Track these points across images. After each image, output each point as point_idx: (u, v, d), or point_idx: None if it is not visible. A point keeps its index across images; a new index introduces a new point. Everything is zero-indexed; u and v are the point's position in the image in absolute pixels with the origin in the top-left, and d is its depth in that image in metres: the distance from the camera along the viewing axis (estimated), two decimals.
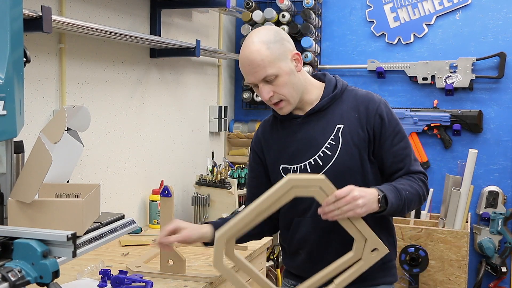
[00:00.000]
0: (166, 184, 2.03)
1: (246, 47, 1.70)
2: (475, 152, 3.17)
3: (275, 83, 1.69)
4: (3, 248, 1.29)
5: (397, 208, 1.63)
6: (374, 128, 1.74)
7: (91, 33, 2.31)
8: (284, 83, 1.69)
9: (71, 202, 1.63)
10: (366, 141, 1.74)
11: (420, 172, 1.76)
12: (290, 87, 1.71)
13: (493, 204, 3.45)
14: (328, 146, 1.74)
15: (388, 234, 1.83)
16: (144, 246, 2.44)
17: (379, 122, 1.74)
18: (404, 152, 1.75)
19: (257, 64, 1.67)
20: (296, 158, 1.78)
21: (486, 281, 3.53)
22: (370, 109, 1.75)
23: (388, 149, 1.74)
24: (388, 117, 1.75)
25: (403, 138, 1.77)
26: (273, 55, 1.67)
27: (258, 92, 1.74)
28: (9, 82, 1.38)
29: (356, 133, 1.73)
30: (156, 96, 3.04)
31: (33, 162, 1.55)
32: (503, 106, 3.47)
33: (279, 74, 1.68)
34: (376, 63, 3.66)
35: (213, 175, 3.17)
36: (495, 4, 3.46)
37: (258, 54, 1.67)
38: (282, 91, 1.70)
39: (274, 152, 1.83)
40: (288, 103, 1.73)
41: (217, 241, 1.44)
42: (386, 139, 1.74)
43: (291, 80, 1.71)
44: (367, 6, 3.72)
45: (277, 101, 1.73)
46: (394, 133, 1.75)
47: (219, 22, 3.72)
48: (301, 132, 1.78)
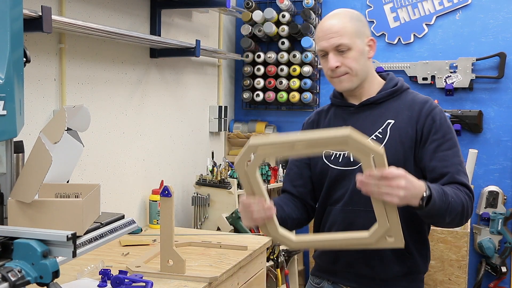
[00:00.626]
0: (166, 184, 2.03)
1: (330, 15, 1.77)
2: (475, 152, 3.17)
3: (345, 55, 1.71)
4: (3, 248, 1.29)
5: (439, 211, 1.54)
6: (424, 128, 1.70)
7: (91, 33, 2.31)
8: (354, 58, 1.71)
9: (71, 202, 1.63)
10: (413, 140, 1.69)
11: (466, 186, 1.65)
12: (357, 65, 1.72)
13: (493, 204, 3.45)
14: (374, 138, 1.71)
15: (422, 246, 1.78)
16: (144, 246, 2.44)
17: (430, 124, 1.70)
18: (452, 159, 1.66)
19: (336, 30, 1.70)
20: None
21: (486, 281, 3.52)
22: (425, 109, 1.72)
23: (433, 152, 1.67)
24: (441, 121, 1.71)
25: (454, 147, 1.69)
26: (353, 29, 1.71)
27: (323, 63, 1.75)
28: (9, 82, 1.38)
29: (405, 131, 1.70)
30: (156, 96, 3.04)
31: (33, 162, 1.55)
32: (503, 106, 3.47)
33: (352, 48, 1.70)
34: (376, 63, 3.66)
35: (213, 175, 3.17)
36: (495, 4, 3.46)
37: (340, 22, 1.72)
38: (350, 64, 1.71)
39: None
40: (351, 77, 1.73)
41: (249, 146, 1.43)
42: (433, 141, 1.68)
43: (361, 59, 1.73)
44: (367, 6, 3.72)
45: (341, 74, 1.72)
46: (444, 139, 1.68)
47: (219, 22, 3.72)
48: (351, 121, 1.76)
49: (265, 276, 2.64)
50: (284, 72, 3.73)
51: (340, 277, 1.81)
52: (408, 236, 1.64)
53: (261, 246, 2.48)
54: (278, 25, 3.70)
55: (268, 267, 3.20)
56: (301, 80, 3.72)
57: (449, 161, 1.65)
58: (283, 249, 3.37)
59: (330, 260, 1.81)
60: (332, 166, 1.76)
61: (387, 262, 1.71)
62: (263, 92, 3.79)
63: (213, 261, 2.21)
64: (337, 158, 1.76)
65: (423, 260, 1.77)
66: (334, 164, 1.76)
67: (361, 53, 1.72)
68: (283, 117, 3.94)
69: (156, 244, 2.41)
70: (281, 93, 3.75)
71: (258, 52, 3.76)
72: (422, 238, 1.77)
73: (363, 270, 1.74)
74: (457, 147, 1.70)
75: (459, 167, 1.66)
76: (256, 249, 2.42)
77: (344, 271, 1.78)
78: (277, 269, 3.28)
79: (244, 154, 1.46)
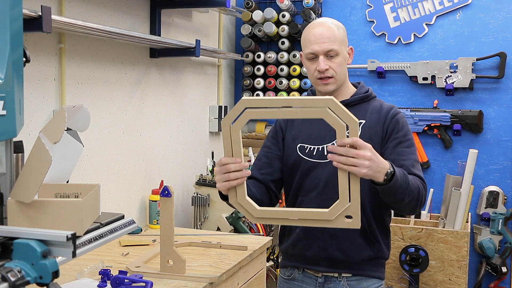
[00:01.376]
0: (166, 184, 2.02)
1: (320, 22, 1.95)
2: (475, 152, 3.17)
3: (332, 60, 1.90)
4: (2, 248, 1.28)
5: (399, 189, 1.70)
6: (389, 128, 1.90)
7: (91, 33, 2.31)
8: (339, 64, 1.91)
9: (71, 202, 1.62)
10: (380, 137, 1.90)
11: (420, 177, 1.84)
12: (341, 70, 1.92)
13: (493, 204, 3.44)
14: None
15: (385, 235, 1.99)
16: (144, 246, 2.44)
17: (394, 124, 1.91)
18: (409, 155, 1.87)
19: (328, 36, 1.89)
20: (315, 140, 1.94)
21: (486, 281, 3.52)
22: (390, 113, 1.93)
23: (394, 148, 1.87)
24: (403, 124, 1.92)
25: (411, 146, 1.90)
26: (341, 37, 1.92)
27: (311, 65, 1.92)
28: (9, 82, 1.37)
29: (374, 130, 1.90)
30: (156, 96, 3.04)
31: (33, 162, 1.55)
32: (504, 106, 3.47)
33: (339, 54, 1.91)
34: (376, 63, 3.66)
35: (213, 175, 3.17)
36: (495, 4, 3.46)
37: (332, 30, 1.91)
38: (336, 69, 1.90)
39: (295, 131, 1.99)
40: (335, 81, 1.92)
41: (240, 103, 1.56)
42: (395, 139, 1.89)
43: (344, 65, 1.94)
44: (367, 6, 3.72)
45: (327, 77, 1.90)
46: (404, 138, 1.90)
47: (219, 22, 3.72)
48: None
49: (265, 276, 2.64)
50: (284, 72, 3.73)
51: (312, 263, 1.96)
52: (375, 224, 1.91)
53: (261, 246, 2.48)
54: (278, 25, 3.70)
55: (268, 267, 3.20)
56: (301, 80, 3.72)
57: (406, 156, 1.86)
58: None
59: (303, 247, 1.95)
60: (306, 158, 1.94)
61: (357, 247, 1.90)
62: (263, 92, 3.79)
63: (213, 261, 2.21)
64: (311, 151, 1.93)
65: (387, 247, 1.98)
66: (308, 156, 1.94)
67: (344, 60, 1.94)
68: None
69: (156, 244, 2.41)
70: (281, 93, 3.74)
71: (258, 52, 3.76)
72: (386, 227, 1.98)
73: (335, 254, 1.91)
74: (414, 147, 1.92)
75: (414, 162, 1.87)
76: (256, 249, 2.41)
77: (316, 256, 1.94)
78: (277, 269, 3.28)
79: (234, 110, 1.58)
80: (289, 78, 3.74)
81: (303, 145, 1.95)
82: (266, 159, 2.02)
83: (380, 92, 3.69)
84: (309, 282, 1.98)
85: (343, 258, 1.91)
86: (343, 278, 1.94)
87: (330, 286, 1.95)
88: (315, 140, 1.94)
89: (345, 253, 1.91)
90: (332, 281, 1.95)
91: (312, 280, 1.98)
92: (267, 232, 3.26)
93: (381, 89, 3.70)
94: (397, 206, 1.83)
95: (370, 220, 1.91)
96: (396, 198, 1.74)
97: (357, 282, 1.94)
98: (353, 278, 1.94)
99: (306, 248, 1.95)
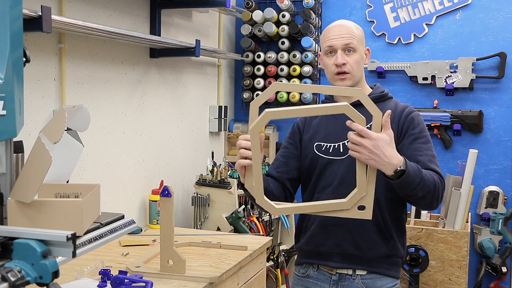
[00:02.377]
0: (166, 184, 2.02)
1: (339, 21, 2.01)
2: (475, 152, 3.17)
3: (350, 56, 1.95)
4: (2, 248, 1.28)
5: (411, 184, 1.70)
6: (404, 125, 1.93)
7: (91, 33, 2.30)
8: (356, 61, 1.96)
9: (71, 202, 1.62)
10: (396, 134, 1.86)
11: (438, 172, 1.84)
12: (358, 67, 1.97)
13: (493, 204, 3.44)
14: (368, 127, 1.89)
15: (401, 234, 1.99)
16: (144, 246, 2.44)
17: (409, 122, 1.93)
18: (426, 151, 1.88)
19: (347, 32, 1.95)
20: (331, 138, 1.98)
21: (486, 281, 3.52)
22: (406, 111, 1.97)
23: (410, 144, 1.89)
24: (418, 122, 1.94)
25: (428, 143, 1.91)
26: (359, 35, 1.99)
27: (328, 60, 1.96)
28: (9, 82, 1.37)
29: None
30: (156, 96, 3.04)
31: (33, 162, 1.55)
32: (503, 106, 3.47)
33: (357, 51, 1.96)
34: (376, 63, 3.66)
35: (213, 175, 3.17)
36: (495, 4, 3.46)
37: (350, 28, 1.97)
38: (353, 65, 1.95)
39: (313, 131, 2.04)
40: (351, 77, 1.96)
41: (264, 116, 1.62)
42: (411, 135, 1.91)
43: (361, 63, 1.98)
44: (367, 6, 3.72)
45: (344, 71, 1.94)
46: (421, 135, 1.92)
47: (219, 22, 3.72)
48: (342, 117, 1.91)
49: (265, 276, 2.64)
50: (284, 72, 3.73)
51: (326, 259, 1.97)
52: (390, 221, 1.93)
53: (261, 246, 2.48)
54: (278, 25, 3.70)
55: (268, 267, 3.20)
56: (301, 80, 3.72)
57: (423, 152, 1.87)
58: (283, 249, 3.37)
59: (318, 243, 1.97)
60: (322, 155, 1.98)
61: (373, 243, 1.91)
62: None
63: (213, 261, 2.21)
64: (328, 149, 1.97)
65: (402, 246, 1.98)
66: (324, 153, 1.98)
67: (362, 58, 1.98)
68: None
69: (156, 244, 2.41)
70: (281, 93, 3.74)
71: (258, 52, 3.76)
72: (401, 225, 1.99)
73: (350, 250, 1.92)
74: (431, 144, 1.93)
75: (431, 157, 1.87)
76: (256, 249, 2.41)
77: (331, 252, 1.95)
78: (277, 269, 3.28)
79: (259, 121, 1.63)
80: (289, 78, 3.74)
81: (320, 143, 2.00)
82: (282, 158, 2.07)
83: None
84: (324, 279, 1.98)
85: (358, 254, 1.92)
86: (358, 276, 1.94)
87: (345, 284, 1.95)
88: (331, 138, 1.98)
89: (360, 249, 1.92)
90: (346, 279, 1.95)
91: (326, 277, 1.98)
92: (267, 232, 3.26)
93: None
94: (412, 200, 1.83)
95: (385, 216, 1.92)
96: (409, 192, 1.75)
97: (372, 281, 1.93)
98: (367, 276, 1.94)
99: (321, 243, 1.97)
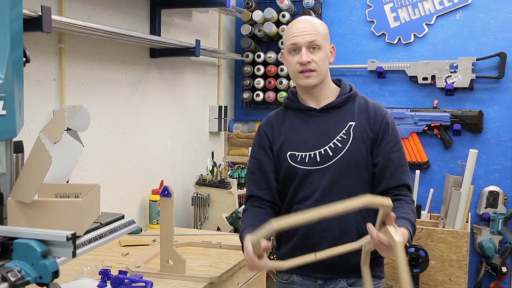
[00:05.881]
0: (166, 184, 2.03)
1: (301, 18, 1.94)
2: (475, 152, 3.17)
3: (315, 54, 1.87)
4: (2, 248, 1.28)
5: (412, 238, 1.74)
6: (379, 131, 1.90)
7: (91, 33, 2.30)
8: (322, 58, 1.88)
9: (71, 202, 1.62)
10: (371, 140, 1.89)
11: (408, 187, 1.89)
12: (323, 64, 1.89)
13: (493, 204, 3.44)
14: (339, 139, 1.88)
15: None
16: (144, 246, 2.44)
17: (385, 127, 1.90)
18: (400, 161, 1.90)
19: (311, 29, 1.87)
20: (306, 147, 1.89)
21: (486, 281, 3.52)
22: (379, 114, 1.92)
23: (387, 153, 1.89)
24: (392, 126, 1.92)
25: (401, 149, 1.92)
26: (323, 32, 1.91)
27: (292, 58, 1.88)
28: (9, 82, 1.37)
29: (365, 131, 1.89)
30: (156, 96, 3.04)
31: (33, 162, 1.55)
32: (503, 106, 3.47)
33: (322, 48, 1.88)
34: (376, 63, 3.66)
35: (213, 175, 3.17)
36: (495, 4, 3.45)
37: (314, 25, 1.89)
38: (319, 63, 1.87)
39: (282, 138, 1.94)
40: (317, 75, 1.88)
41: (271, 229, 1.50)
42: (387, 143, 1.89)
43: (326, 60, 1.91)
44: (367, 6, 3.72)
45: (309, 69, 1.87)
46: (394, 141, 1.91)
47: (219, 22, 3.72)
48: (314, 124, 1.92)
49: (265, 276, 2.64)
50: (284, 72, 3.73)
51: (311, 270, 1.89)
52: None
53: None
54: (278, 25, 3.70)
55: None
56: None
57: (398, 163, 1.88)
58: None
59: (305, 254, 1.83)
60: (299, 166, 1.89)
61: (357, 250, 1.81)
62: (263, 92, 3.79)
63: (213, 261, 2.21)
64: (303, 159, 1.89)
65: None
66: (301, 164, 1.89)
67: (327, 56, 1.91)
68: None
69: (156, 244, 2.41)
70: (281, 93, 3.74)
71: (258, 52, 3.76)
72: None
73: (335, 261, 1.84)
74: (402, 148, 1.94)
75: (405, 168, 1.90)
76: None
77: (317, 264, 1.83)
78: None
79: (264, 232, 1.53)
80: (289, 78, 3.74)
81: (294, 153, 1.90)
82: (259, 172, 1.95)
83: (380, 92, 3.69)
84: (309, 284, 1.94)
85: (343, 263, 1.89)
86: (343, 279, 1.92)
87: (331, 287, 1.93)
88: (305, 146, 1.89)
89: (345, 259, 1.86)
90: (332, 282, 1.93)
91: (311, 282, 1.94)
92: None
93: (381, 89, 3.70)
94: None
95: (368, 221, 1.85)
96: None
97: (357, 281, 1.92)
98: (352, 278, 1.92)
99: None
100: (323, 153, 1.87)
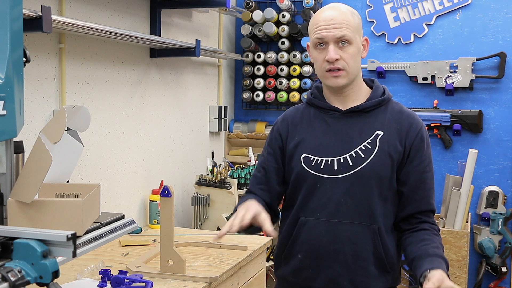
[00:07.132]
0: (166, 184, 2.03)
1: (330, 6, 1.67)
2: (475, 152, 3.17)
3: (344, 50, 1.62)
4: (3, 248, 1.29)
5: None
6: (413, 145, 1.68)
7: (91, 33, 2.31)
8: (352, 55, 1.64)
9: (71, 202, 1.63)
10: (401, 155, 1.67)
11: (434, 213, 1.73)
12: (354, 62, 1.65)
13: (493, 204, 3.44)
14: (363, 149, 1.66)
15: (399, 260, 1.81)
16: (144, 246, 2.44)
17: (419, 143, 1.68)
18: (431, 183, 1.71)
19: (341, 20, 1.61)
20: (324, 151, 1.67)
21: (486, 281, 3.52)
22: (414, 126, 1.69)
23: (420, 173, 1.68)
24: (427, 142, 1.71)
25: (432, 169, 1.73)
26: (355, 23, 1.65)
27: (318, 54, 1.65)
28: (9, 82, 1.38)
29: (393, 144, 1.67)
30: (156, 96, 3.04)
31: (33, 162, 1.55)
32: (503, 106, 3.47)
33: (353, 43, 1.63)
34: (376, 63, 3.66)
35: (213, 175, 3.17)
36: (495, 4, 3.46)
37: (344, 14, 1.63)
38: (349, 61, 1.63)
39: (299, 138, 1.72)
40: (346, 75, 1.65)
41: None
42: (422, 162, 1.68)
43: (357, 56, 1.66)
44: (367, 6, 3.72)
45: (338, 68, 1.64)
46: (428, 159, 1.71)
47: (219, 22, 3.72)
48: (336, 127, 1.69)
49: (265, 276, 2.64)
50: (284, 72, 3.73)
51: None
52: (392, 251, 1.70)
53: (261, 246, 2.48)
54: (278, 25, 3.70)
55: (268, 267, 3.20)
56: (301, 80, 3.72)
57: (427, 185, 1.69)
58: None
59: (308, 277, 1.69)
60: (312, 171, 1.67)
61: (372, 277, 1.67)
62: (263, 92, 3.79)
63: (213, 261, 2.21)
64: (318, 164, 1.67)
65: (399, 275, 1.79)
66: (315, 170, 1.67)
67: (358, 51, 1.66)
68: None
69: (156, 244, 2.41)
70: (281, 93, 3.74)
71: (258, 52, 3.76)
72: (400, 251, 1.78)
73: (345, 286, 1.67)
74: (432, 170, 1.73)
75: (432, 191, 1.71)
76: (256, 249, 2.41)
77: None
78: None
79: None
80: (289, 78, 3.74)
81: (309, 156, 1.68)
82: (264, 171, 1.78)
83: None
84: None
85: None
86: None
87: None
88: (322, 151, 1.67)
89: (356, 285, 1.66)
90: None
91: None
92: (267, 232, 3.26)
93: None
94: None
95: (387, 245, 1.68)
96: None
97: None
98: None
99: (312, 278, 1.68)
100: (342, 161, 1.65)
